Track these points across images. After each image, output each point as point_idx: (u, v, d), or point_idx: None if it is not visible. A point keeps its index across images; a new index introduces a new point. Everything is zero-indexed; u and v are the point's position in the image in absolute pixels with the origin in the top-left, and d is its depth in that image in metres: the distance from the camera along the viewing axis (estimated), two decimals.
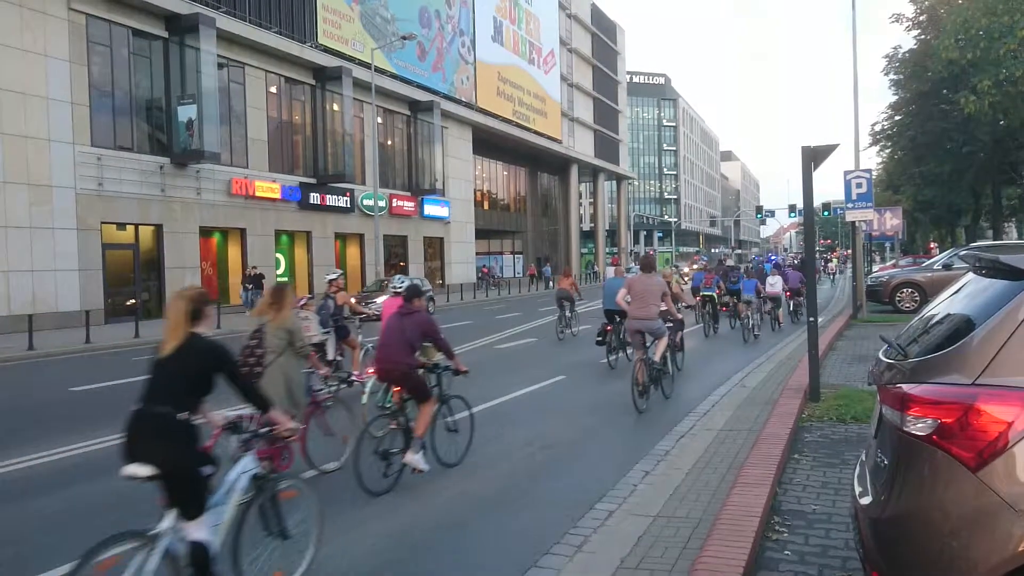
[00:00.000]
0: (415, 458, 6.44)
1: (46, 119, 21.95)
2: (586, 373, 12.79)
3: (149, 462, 3.55)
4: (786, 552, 4.59)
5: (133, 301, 24.57)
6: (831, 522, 5.05)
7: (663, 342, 9.90)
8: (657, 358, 9.74)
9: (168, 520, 3.60)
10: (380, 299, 21.44)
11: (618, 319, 12.93)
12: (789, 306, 21.13)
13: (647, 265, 10.17)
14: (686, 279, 25.04)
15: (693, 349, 14.73)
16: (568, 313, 17.96)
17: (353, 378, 9.59)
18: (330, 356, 10.10)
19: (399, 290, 8.31)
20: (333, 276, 11.03)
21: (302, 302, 9.25)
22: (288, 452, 6.18)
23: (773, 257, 52.62)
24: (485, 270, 49.62)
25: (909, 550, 2.85)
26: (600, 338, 13.37)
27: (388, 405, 7.76)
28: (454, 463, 6.96)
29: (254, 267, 27.95)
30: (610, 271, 19.32)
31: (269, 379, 6.15)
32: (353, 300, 11.83)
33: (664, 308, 10.00)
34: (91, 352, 17.57)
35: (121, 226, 24.75)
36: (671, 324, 11.11)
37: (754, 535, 4.55)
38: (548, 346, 16.77)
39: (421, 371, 6.88)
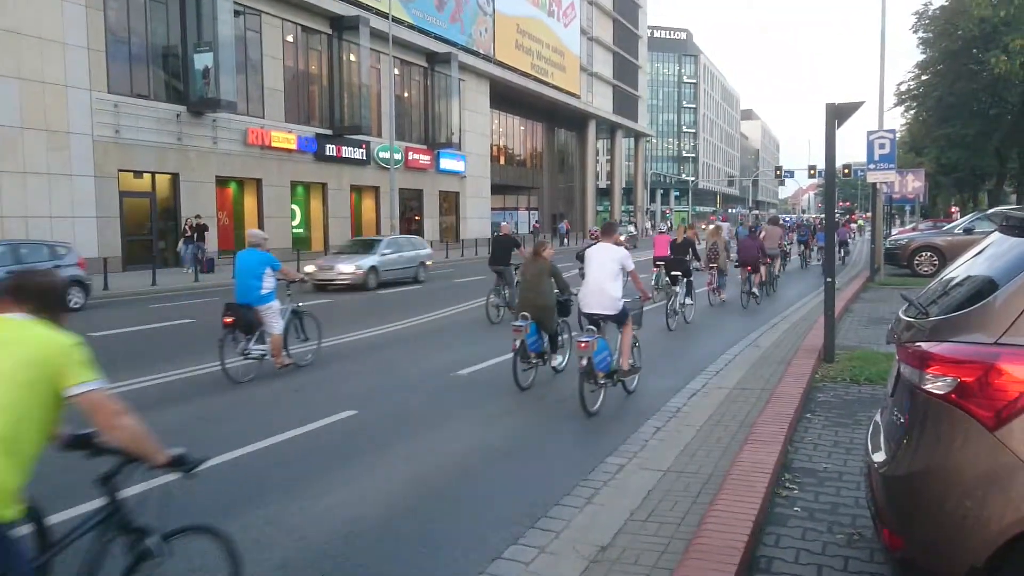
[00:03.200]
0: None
1: (63, 65, 21.85)
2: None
3: (677, 271, 13.21)
4: (796, 508, 4.62)
5: (170, 244, 24.63)
6: (842, 480, 5.07)
7: (778, 260, 19.14)
8: (776, 270, 18.62)
9: (679, 287, 13.15)
10: None
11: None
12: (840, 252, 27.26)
13: (774, 220, 22.54)
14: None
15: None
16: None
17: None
18: None
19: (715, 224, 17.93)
20: (625, 228, 23.84)
21: (623, 237, 17.43)
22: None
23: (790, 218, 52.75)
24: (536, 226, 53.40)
25: (922, 507, 2.85)
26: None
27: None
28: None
29: (197, 216, 24.43)
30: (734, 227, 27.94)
31: (720, 259, 15.57)
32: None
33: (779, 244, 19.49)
34: (109, 299, 17.75)
35: (138, 174, 24.78)
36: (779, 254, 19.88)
37: (764, 491, 4.58)
38: None
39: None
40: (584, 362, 6.90)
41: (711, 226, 17.02)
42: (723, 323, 13.45)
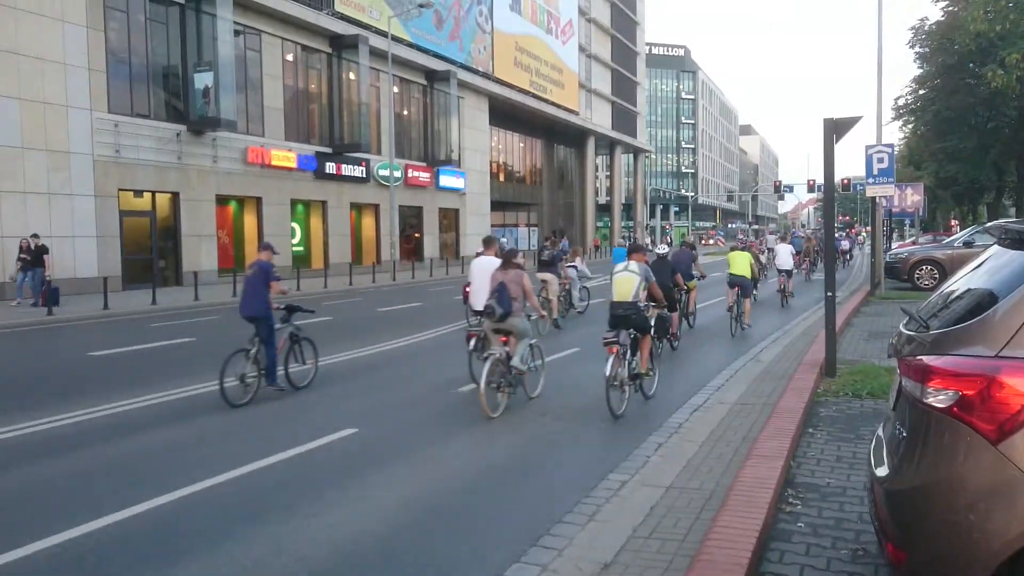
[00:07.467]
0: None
1: (63, 85, 21.97)
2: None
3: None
4: (799, 524, 4.59)
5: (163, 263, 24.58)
6: (845, 496, 5.04)
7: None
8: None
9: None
10: None
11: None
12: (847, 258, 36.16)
13: (784, 237, 25.54)
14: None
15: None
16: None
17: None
18: None
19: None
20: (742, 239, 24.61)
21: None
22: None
23: (796, 232, 53.05)
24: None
25: (925, 522, 2.83)
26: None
27: None
28: None
29: (34, 235, 19.59)
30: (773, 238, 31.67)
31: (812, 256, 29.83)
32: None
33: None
34: (109, 318, 17.74)
35: (138, 193, 24.85)
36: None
37: (767, 507, 4.55)
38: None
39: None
40: (782, 286, 18.29)
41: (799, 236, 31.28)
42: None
